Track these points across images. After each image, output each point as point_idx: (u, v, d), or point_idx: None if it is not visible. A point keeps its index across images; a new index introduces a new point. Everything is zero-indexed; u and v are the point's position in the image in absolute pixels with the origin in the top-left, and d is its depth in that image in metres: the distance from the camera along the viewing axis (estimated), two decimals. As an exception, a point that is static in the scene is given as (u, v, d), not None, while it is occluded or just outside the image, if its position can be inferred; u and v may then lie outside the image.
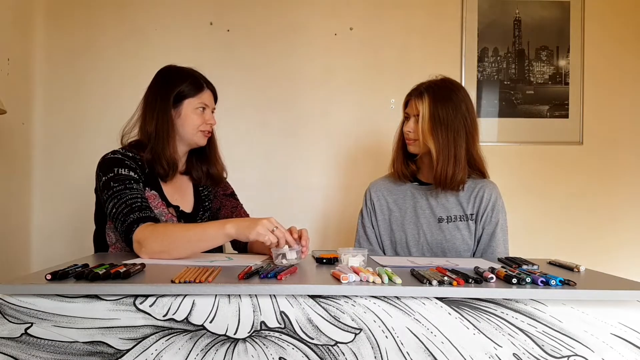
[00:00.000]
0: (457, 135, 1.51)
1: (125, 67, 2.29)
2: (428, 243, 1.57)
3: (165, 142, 1.46)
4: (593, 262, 1.84)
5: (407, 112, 1.58)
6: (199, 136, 1.51)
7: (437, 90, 1.54)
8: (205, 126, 1.51)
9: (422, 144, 1.54)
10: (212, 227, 1.25)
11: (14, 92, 2.09)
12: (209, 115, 1.52)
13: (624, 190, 2.37)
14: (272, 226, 1.20)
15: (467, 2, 2.34)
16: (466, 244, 1.56)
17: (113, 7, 2.29)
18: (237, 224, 1.22)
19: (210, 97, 1.54)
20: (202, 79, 1.53)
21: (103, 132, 2.27)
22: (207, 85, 1.53)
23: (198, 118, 1.49)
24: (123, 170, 1.39)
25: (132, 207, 1.32)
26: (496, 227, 1.55)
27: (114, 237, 1.46)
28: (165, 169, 1.46)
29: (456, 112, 1.52)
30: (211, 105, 1.54)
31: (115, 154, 1.44)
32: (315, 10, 2.33)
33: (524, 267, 1.18)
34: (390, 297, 0.93)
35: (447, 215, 1.58)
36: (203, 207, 1.59)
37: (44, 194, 2.28)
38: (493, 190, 1.58)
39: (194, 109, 1.49)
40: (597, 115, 2.36)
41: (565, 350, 0.93)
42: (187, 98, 1.48)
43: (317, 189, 2.34)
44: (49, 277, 0.92)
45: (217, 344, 0.91)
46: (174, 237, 1.24)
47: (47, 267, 1.07)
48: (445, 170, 1.50)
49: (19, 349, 0.90)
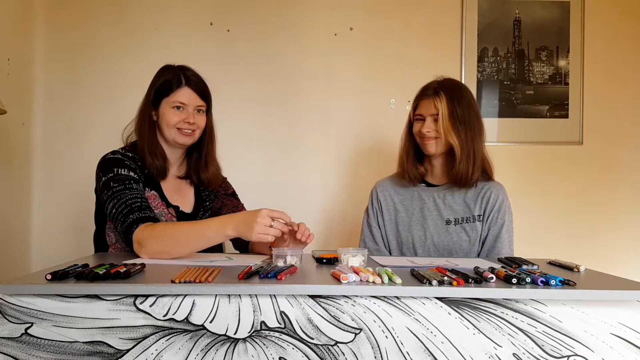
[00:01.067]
0: (474, 133, 1.53)
1: (125, 67, 2.29)
2: (435, 244, 1.57)
3: (148, 141, 1.47)
4: (593, 262, 1.84)
5: (421, 113, 1.56)
6: (175, 134, 1.47)
7: (451, 88, 1.54)
8: (182, 124, 1.46)
9: (444, 142, 1.53)
10: (212, 229, 1.24)
11: (14, 92, 2.09)
12: (187, 113, 1.46)
13: (624, 190, 2.37)
14: (268, 221, 1.19)
15: (467, 2, 2.34)
16: (473, 245, 1.56)
17: (113, 7, 2.29)
18: (237, 225, 1.21)
19: (190, 96, 1.46)
20: (184, 77, 1.46)
21: (103, 133, 2.27)
22: (188, 83, 1.46)
23: (173, 116, 1.45)
24: (123, 171, 1.40)
25: (132, 207, 1.32)
26: (502, 228, 1.55)
27: (114, 237, 1.46)
28: (152, 169, 1.46)
29: (470, 110, 1.53)
30: (191, 103, 1.47)
31: (115, 154, 1.45)
32: (315, 10, 2.33)
33: (524, 267, 1.19)
34: (390, 297, 0.93)
35: (454, 218, 1.57)
36: (203, 207, 1.59)
37: (44, 194, 2.28)
38: (500, 191, 1.58)
39: (170, 107, 1.46)
40: (597, 115, 2.36)
41: (565, 350, 0.93)
42: (163, 97, 1.46)
43: (318, 189, 2.34)
44: (49, 277, 0.92)
45: (217, 344, 0.91)
46: (173, 237, 1.24)
47: (47, 267, 1.07)
48: (466, 167, 1.51)
49: (19, 349, 0.90)
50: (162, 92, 1.46)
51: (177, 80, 1.46)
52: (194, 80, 1.48)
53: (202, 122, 1.50)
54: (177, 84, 1.45)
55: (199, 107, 1.49)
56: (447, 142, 1.53)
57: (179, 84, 1.45)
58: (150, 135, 1.48)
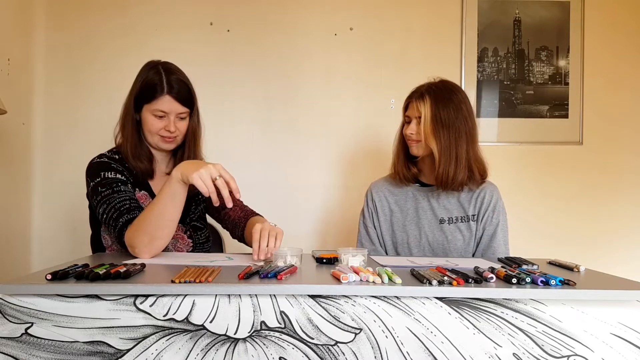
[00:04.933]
0: (458, 136, 1.51)
1: (125, 68, 2.28)
2: (429, 244, 1.58)
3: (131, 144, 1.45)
4: (593, 262, 1.85)
5: (408, 115, 1.58)
6: (158, 140, 1.45)
7: (438, 92, 1.54)
8: (163, 132, 1.42)
9: (424, 145, 1.54)
10: (166, 185, 1.23)
11: (14, 92, 2.09)
12: (167, 121, 1.42)
13: (624, 190, 2.37)
14: (216, 173, 1.17)
15: (467, 2, 2.34)
16: (467, 244, 1.57)
17: (113, 7, 2.29)
18: (182, 167, 1.20)
19: (172, 104, 1.41)
20: (166, 83, 1.40)
21: (103, 133, 2.27)
22: (170, 91, 1.40)
23: (155, 123, 1.42)
24: (109, 174, 1.39)
25: (121, 211, 1.32)
26: (497, 227, 1.56)
27: (110, 240, 1.45)
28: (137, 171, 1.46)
29: (457, 113, 1.52)
30: (173, 111, 1.41)
31: (102, 157, 1.45)
32: (315, 10, 2.33)
33: (524, 267, 1.19)
34: (390, 297, 0.93)
35: (448, 217, 1.58)
36: (195, 201, 1.57)
37: (44, 194, 2.28)
38: (494, 191, 1.60)
39: (150, 114, 1.42)
40: (597, 115, 2.36)
41: (565, 350, 0.93)
42: (145, 103, 1.42)
43: (317, 189, 2.34)
44: (49, 277, 0.92)
45: (217, 343, 0.91)
46: (148, 220, 1.23)
47: (47, 267, 1.07)
48: (447, 170, 1.51)
49: (19, 348, 0.90)
50: (144, 98, 1.42)
51: (159, 87, 1.40)
52: (176, 88, 1.41)
53: (183, 128, 1.46)
54: (160, 90, 1.40)
55: (180, 114, 1.44)
56: (428, 146, 1.54)
57: (162, 91, 1.40)
58: (133, 138, 1.45)
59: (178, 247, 1.48)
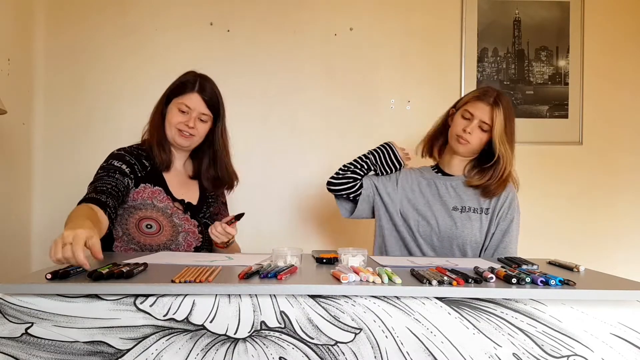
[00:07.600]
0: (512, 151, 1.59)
1: (125, 67, 2.29)
2: (439, 227, 1.59)
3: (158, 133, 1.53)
4: (593, 262, 1.85)
5: (473, 113, 1.58)
6: (175, 134, 1.52)
7: (506, 104, 1.57)
8: (182, 126, 1.51)
9: (472, 150, 1.59)
10: None
11: (14, 92, 2.09)
12: (188, 117, 1.51)
13: (624, 190, 2.37)
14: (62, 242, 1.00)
15: (467, 3, 2.34)
16: (475, 236, 1.57)
17: (113, 7, 2.29)
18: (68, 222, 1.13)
19: (197, 102, 1.51)
20: (199, 84, 1.51)
21: (103, 132, 2.28)
22: (200, 91, 1.51)
23: (176, 116, 1.51)
24: (115, 162, 1.46)
25: (95, 188, 1.35)
26: (511, 223, 1.58)
27: (121, 231, 1.46)
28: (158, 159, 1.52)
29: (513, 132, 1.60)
30: (196, 109, 1.51)
31: (120, 150, 1.53)
32: (315, 10, 2.33)
33: (524, 267, 1.19)
34: (390, 297, 0.93)
35: (461, 206, 1.61)
36: (207, 203, 1.62)
37: (44, 194, 2.28)
38: (511, 190, 1.62)
39: (176, 108, 1.52)
40: (597, 115, 2.36)
41: (564, 350, 0.93)
42: (174, 97, 1.53)
43: (317, 189, 2.34)
44: (49, 277, 0.93)
45: (217, 343, 0.91)
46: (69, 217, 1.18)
47: (47, 266, 1.07)
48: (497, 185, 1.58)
49: (19, 348, 0.90)
50: (174, 92, 1.53)
51: (191, 85, 1.51)
52: (207, 91, 1.53)
53: (202, 130, 1.54)
54: (190, 88, 1.51)
55: (202, 114, 1.53)
56: (475, 151, 1.60)
57: (192, 89, 1.51)
58: (159, 129, 1.54)
59: (188, 241, 1.52)
